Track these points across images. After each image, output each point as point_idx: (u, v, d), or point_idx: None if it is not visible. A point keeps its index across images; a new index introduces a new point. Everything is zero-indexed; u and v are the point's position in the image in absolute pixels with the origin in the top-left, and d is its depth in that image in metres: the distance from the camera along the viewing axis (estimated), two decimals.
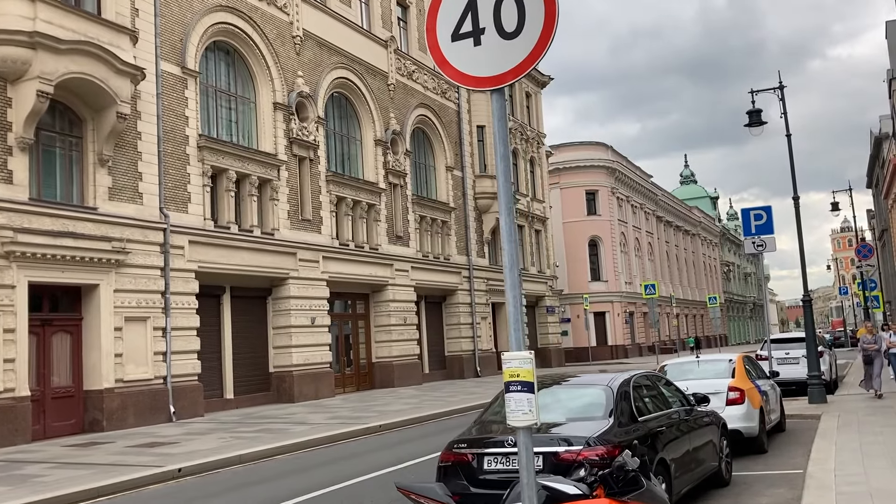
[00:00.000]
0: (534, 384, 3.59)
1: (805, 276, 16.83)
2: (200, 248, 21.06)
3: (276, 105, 24.59)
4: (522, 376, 3.56)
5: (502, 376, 3.81)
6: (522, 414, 3.62)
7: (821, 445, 10.27)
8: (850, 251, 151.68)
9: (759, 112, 17.06)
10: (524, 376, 3.56)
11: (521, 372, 3.57)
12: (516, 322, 3.88)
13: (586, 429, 6.24)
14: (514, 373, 3.59)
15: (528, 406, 3.60)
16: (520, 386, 3.57)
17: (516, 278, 3.91)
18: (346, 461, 12.56)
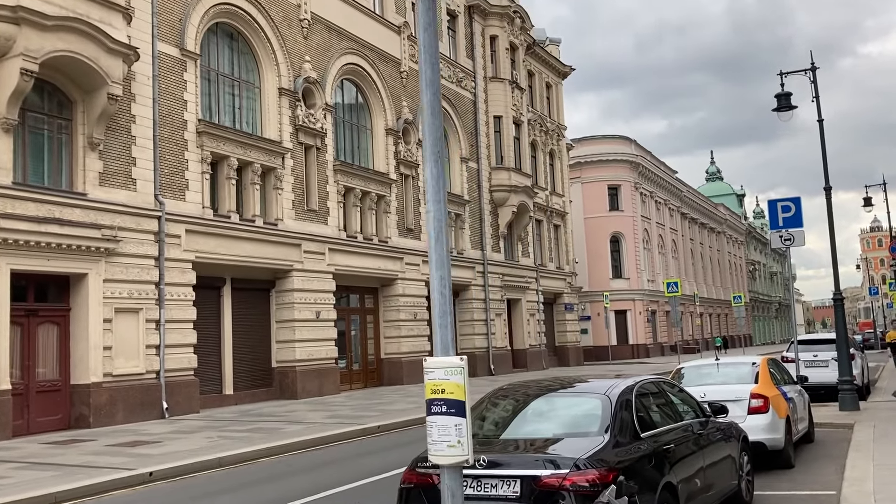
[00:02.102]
0: (464, 404, 2.60)
1: (836, 271, 15.59)
2: (198, 238, 20.20)
3: (282, 91, 23.67)
4: (449, 392, 2.58)
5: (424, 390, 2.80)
6: (448, 446, 2.63)
7: (856, 461, 9.11)
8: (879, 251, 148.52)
9: (788, 95, 15.82)
10: (451, 392, 2.58)
11: (446, 386, 2.59)
12: (442, 315, 2.92)
13: (576, 447, 5.18)
14: (437, 387, 2.61)
15: (455, 435, 2.61)
16: (444, 405, 2.59)
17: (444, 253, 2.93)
18: (328, 468, 11.60)
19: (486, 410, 6.26)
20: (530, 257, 39.60)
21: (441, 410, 2.63)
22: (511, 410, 6.22)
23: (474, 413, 6.28)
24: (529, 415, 6.05)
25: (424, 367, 2.86)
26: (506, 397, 6.43)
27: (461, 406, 2.64)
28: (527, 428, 5.84)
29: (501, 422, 6.13)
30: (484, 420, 6.15)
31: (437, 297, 3.14)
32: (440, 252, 3.04)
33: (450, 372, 2.65)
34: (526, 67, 40.94)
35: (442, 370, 2.67)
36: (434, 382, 2.66)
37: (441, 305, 3.01)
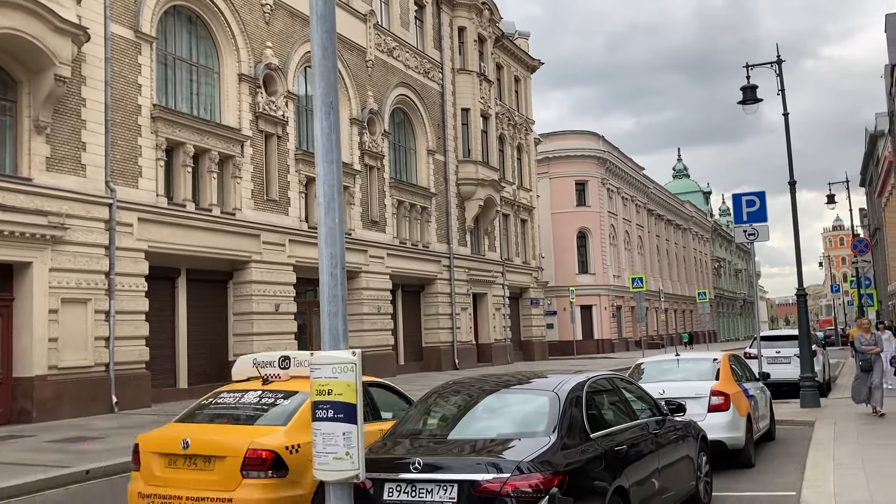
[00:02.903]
0: (355, 408, 2.21)
1: (800, 266, 15.46)
2: (152, 227, 19.55)
3: (242, 77, 23.03)
4: (336, 394, 2.19)
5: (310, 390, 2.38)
6: (334, 459, 2.24)
7: (816, 460, 8.89)
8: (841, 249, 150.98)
9: (754, 88, 15.63)
10: (339, 394, 2.19)
11: (334, 386, 2.20)
12: (333, 300, 2.55)
13: (521, 449, 4.80)
14: (323, 387, 2.21)
15: (343, 445, 2.21)
16: (331, 409, 2.20)
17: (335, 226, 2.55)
18: None
19: (430, 408, 5.88)
20: (497, 251, 39.33)
21: (327, 415, 2.23)
22: (456, 408, 5.84)
23: (417, 409, 5.90)
24: (475, 413, 5.66)
25: (309, 364, 2.46)
26: (452, 393, 6.04)
27: (351, 410, 2.23)
28: (471, 427, 5.46)
29: (443, 420, 5.74)
30: (427, 417, 5.78)
31: (326, 280, 2.76)
32: (331, 225, 2.67)
33: (339, 369, 2.25)
34: (494, 60, 40.59)
35: (329, 367, 2.28)
36: (320, 382, 2.26)
37: (331, 289, 2.63)
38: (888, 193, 55.80)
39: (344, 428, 2.25)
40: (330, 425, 2.24)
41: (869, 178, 70.76)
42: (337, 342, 2.52)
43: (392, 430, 5.70)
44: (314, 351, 2.86)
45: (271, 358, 7.32)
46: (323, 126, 2.84)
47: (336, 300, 2.66)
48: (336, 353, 2.34)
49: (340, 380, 2.26)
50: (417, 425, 5.66)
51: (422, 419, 5.75)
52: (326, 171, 2.88)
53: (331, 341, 2.65)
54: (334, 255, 2.67)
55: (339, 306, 2.73)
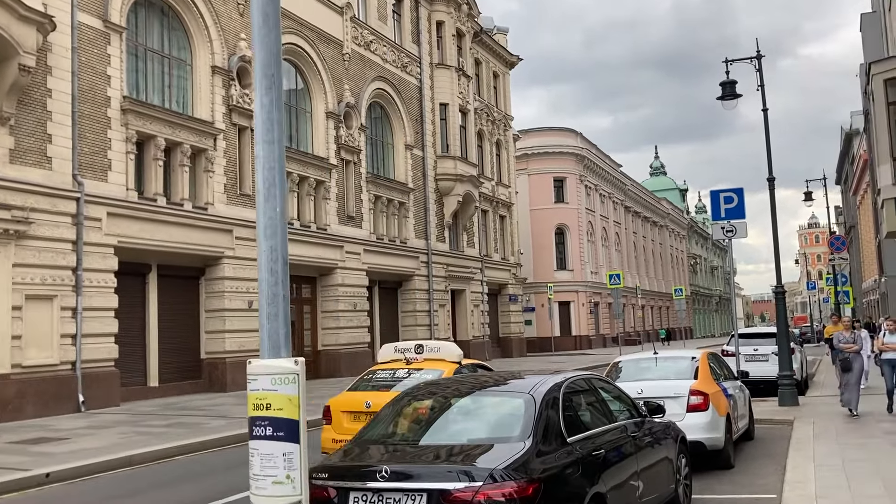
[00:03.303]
0: (297, 425, 1.94)
1: (778, 262, 15.33)
2: (121, 221, 19.09)
3: (215, 69, 22.59)
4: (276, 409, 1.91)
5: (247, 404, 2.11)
6: (273, 483, 1.95)
7: (797, 461, 8.72)
8: (817, 247, 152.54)
9: (733, 84, 15.48)
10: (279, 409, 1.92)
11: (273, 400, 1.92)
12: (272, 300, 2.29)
13: (494, 455, 4.54)
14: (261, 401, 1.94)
15: (284, 468, 1.93)
16: (269, 427, 1.92)
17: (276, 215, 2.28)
18: (240, 469, 10.77)
19: (400, 411, 5.60)
20: (475, 248, 39.11)
21: (265, 433, 1.95)
22: (427, 411, 5.56)
23: (387, 413, 5.62)
24: (447, 416, 5.39)
25: (248, 374, 2.18)
26: (424, 396, 5.76)
27: (293, 428, 1.95)
28: (443, 432, 5.19)
29: (414, 424, 5.47)
30: (397, 421, 5.50)
31: (265, 277, 2.49)
32: (271, 214, 2.39)
33: (279, 380, 1.98)
34: (473, 55, 40.33)
35: (268, 378, 2.00)
36: (257, 395, 1.98)
37: (271, 287, 2.36)
38: (863, 191, 56.29)
39: (285, 448, 1.97)
40: (269, 444, 1.96)
41: (844, 176, 71.39)
42: (277, 349, 2.25)
43: (360, 434, 5.42)
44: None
45: (408, 346, 10.43)
46: (263, 102, 2.56)
47: (276, 300, 2.38)
48: (276, 362, 2.07)
49: (280, 393, 1.99)
50: (387, 430, 5.39)
51: (392, 423, 5.47)
52: (266, 152, 2.60)
53: (270, 348, 2.37)
54: (275, 248, 2.40)
55: (281, 307, 2.46)
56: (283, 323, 2.48)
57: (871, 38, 40.05)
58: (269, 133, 2.58)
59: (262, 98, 2.58)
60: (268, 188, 2.54)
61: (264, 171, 2.57)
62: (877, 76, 22.79)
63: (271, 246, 2.42)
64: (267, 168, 2.57)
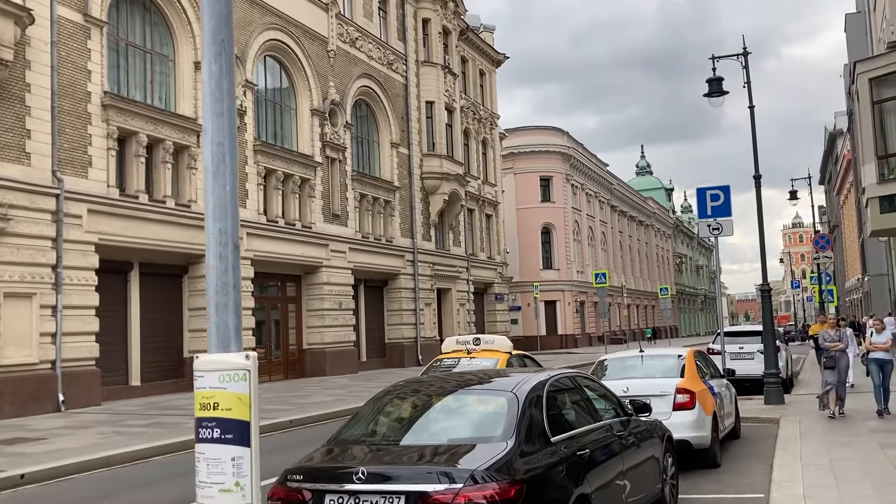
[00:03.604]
0: (248, 426, 1.79)
1: (764, 260, 15.30)
2: (102, 219, 18.83)
3: (198, 65, 22.32)
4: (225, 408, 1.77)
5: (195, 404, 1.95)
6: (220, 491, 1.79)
7: (784, 460, 8.64)
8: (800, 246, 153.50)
9: (720, 80, 15.44)
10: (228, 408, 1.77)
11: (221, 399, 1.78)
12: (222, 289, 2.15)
13: (476, 456, 4.41)
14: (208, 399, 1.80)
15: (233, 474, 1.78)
16: (217, 429, 1.77)
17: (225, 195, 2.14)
18: None
19: (380, 409, 5.45)
20: (461, 246, 38.98)
21: (212, 436, 1.78)
22: (408, 410, 5.42)
23: (367, 411, 5.48)
24: (428, 415, 5.24)
25: (194, 370, 2.04)
26: (404, 394, 5.61)
27: (243, 430, 1.79)
28: (423, 431, 5.04)
29: (394, 423, 5.32)
30: (377, 420, 5.35)
31: (213, 263, 2.33)
32: (220, 193, 2.24)
33: (228, 377, 1.82)
34: (459, 53, 40.19)
35: (215, 374, 1.84)
36: (204, 393, 1.82)
37: (220, 275, 2.20)
38: (847, 191, 56.61)
39: (234, 451, 1.81)
40: (216, 448, 1.80)
41: (828, 176, 71.81)
42: (227, 342, 2.10)
43: (337, 433, 5.27)
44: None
45: (467, 339, 12.53)
46: (212, 70, 2.40)
47: (226, 289, 2.23)
48: (225, 357, 1.91)
49: (229, 391, 1.83)
50: (366, 429, 5.24)
51: (371, 422, 5.32)
52: (215, 125, 2.44)
53: (219, 342, 2.22)
54: (224, 230, 2.25)
55: (231, 297, 2.31)
56: (234, 314, 2.32)
57: (856, 38, 40.26)
58: (219, 104, 2.41)
59: (211, 66, 2.41)
60: (216, 165, 2.38)
61: (212, 146, 2.40)
62: (862, 75, 22.84)
63: (220, 228, 2.26)
64: (216, 143, 2.40)
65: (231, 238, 2.30)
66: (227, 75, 2.37)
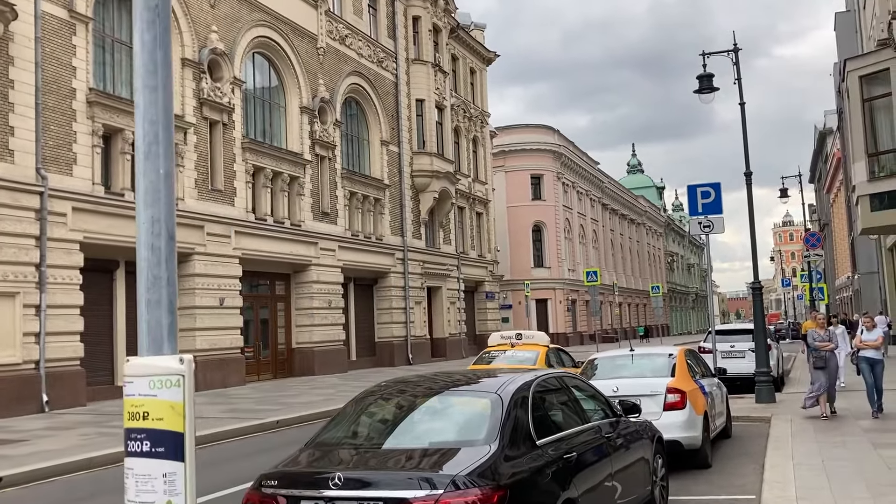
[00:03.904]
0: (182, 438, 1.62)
1: (755, 259, 15.20)
2: (88, 217, 18.60)
3: (185, 61, 22.11)
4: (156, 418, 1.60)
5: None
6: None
7: (775, 460, 8.52)
8: (791, 245, 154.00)
9: (710, 77, 15.32)
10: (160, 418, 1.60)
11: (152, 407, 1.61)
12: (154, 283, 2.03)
13: (459, 460, 4.25)
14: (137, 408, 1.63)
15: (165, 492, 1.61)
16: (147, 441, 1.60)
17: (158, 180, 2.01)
18: (206, 471, 10.41)
19: (361, 411, 5.27)
20: (452, 245, 38.83)
21: (140, 449, 1.61)
22: (389, 411, 5.24)
23: (347, 413, 5.31)
24: (409, 417, 5.08)
25: (124, 375, 1.88)
26: (386, 395, 5.43)
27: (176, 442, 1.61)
28: (404, 435, 4.87)
29: (374, 426, 5.14)
30: (357, 423, 5.18)
31: (144, 255, 2.18)
32: (153, 178, 2.08)
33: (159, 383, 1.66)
34: (449, 51, 40.03)
35: (145, 380, 1.68)
36: (133, 401, 1.65)
37: (152, 268, 2.05)
38: (836, 189, 56.71)
39: (166, 467, 1.63)
40: (145, 463, 1.62)
41: (818, 174, 71.96)
42: (159, 344, 1.93)
43: (317, 435, 5.10)
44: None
45: (510, 334, 14.87)
46: (145, 39, 2.24)
47: (159, 284, 2.07)
48: (156, 361, 1.75)
49: (161, 399, 1.66)
50: (346, 431, 5.07)
51: (352, 424, 5.15)
52: (148, 100, 2.28)
53: (150, 343, 2.06)
54: (157, 219, 2.09)
55: (164, 293, 2.15)
56: (168, 312, 2.17)
57: (846, 36, 40.30)
58: (152, 77, 2.24)
59: (144, 34, 2.24)
60: (149, 145, 2.21)
61: (145, 124, 2.24)
62: (852, 72, 22.81)
63: (152, 216, 2.10)
64: (148, 121, 2.24)
65: (165, 227, 2.14)
66: (161, 45, 2.21)
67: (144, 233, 2.19)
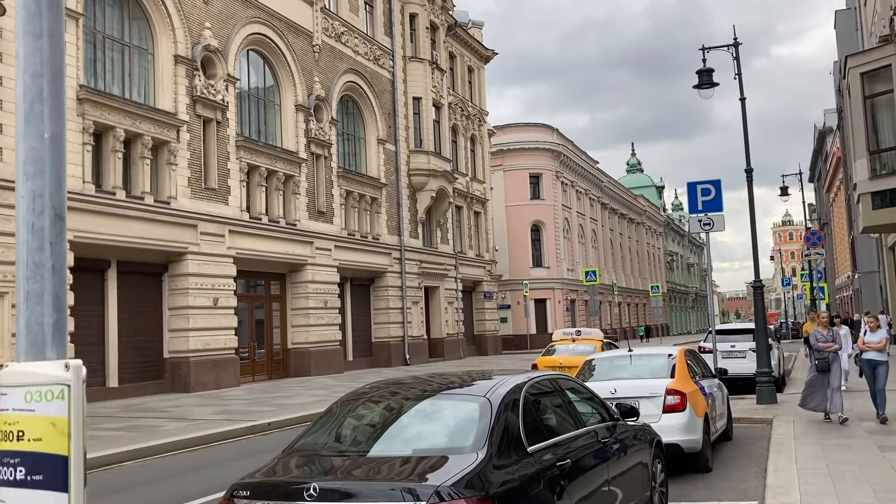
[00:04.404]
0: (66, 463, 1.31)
1: (756, 257, 14.91)
2: (77, 216, 18.26)
3: (178, 58, 21.82)
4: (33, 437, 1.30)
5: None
6: None
7: (778, 464, 8.23)
8: (790, 244, 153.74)
9: (710, 72, 15.03)
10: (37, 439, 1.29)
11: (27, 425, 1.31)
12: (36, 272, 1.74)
13: (442, 470, 3.95)
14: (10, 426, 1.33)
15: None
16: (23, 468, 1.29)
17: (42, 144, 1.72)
18: (188, 476, 10.12)
19: (341, 416, 4.97)
20: (449, 244, 38.55)
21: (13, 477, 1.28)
22: (372, 416, 4.94)
23: (327, 418, 5.01)
24: (393, 423, 4.77)
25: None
26: (368, 399, 5.11)
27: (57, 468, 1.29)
28: (388, 441, 4.57)
29: (356, 432, 4.84)
30: (337, 428, 4.88)
31: (23, 238, 1.91)
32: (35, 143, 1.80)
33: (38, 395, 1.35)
34: (447, 49, 39.74)
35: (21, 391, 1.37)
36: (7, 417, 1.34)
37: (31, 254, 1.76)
38: (836, 188, 56.46)
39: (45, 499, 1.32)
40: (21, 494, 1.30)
41: (818, 173, 71.70)
42: (41, 346, 1.64)
43: (295, 441, 4.81)
44: None
45: (570, 331, 18.93)
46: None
47: (41, 273, 1.78)
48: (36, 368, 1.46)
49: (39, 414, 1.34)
50: (326, 437, 4.77)
51: (332, 430, 4.84)
52: (30, 49, 1.99)
53: (28, 346, 1.77)
54: (40, 193, 1.80)
55: (48, 284, 1.87)
56: (53, 308, 1.88)
57: (846, 34, 40.02)
58: (35, 21, 1.95)
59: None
60: (30, 104, 1.92)
61: (26, 79, 1.95)
62: (854, 69, 22.52)
63: (34, 190, 1.81)
64: (30, 73, 1.94)
65: (50, 203, 1.86)
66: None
67: (24, 210, 1.89)
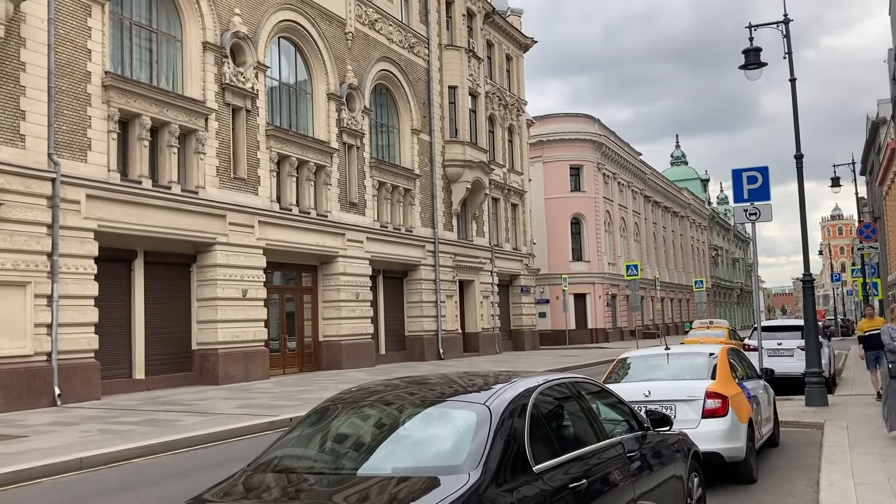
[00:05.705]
0: None
1: (806, 250, 13.94)
2: (102, 204, 18.02)
3: (207, 45, 21.44)
4: None
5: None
6: None
7: (832, 477, 7.40)
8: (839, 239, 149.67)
9: (757, 51, 14.06)
10: None
11: None
12: None
13: (429, 496, 3.28)
14: None
15: None
16: None
17: None
18: (194, 476, 9.60)
19: (318, 426, 4.28)
20: (485, 237, 37.80)
21: None
22: (355, 426, 4.26)
23: (301, 428, 4.34)
24: (375, 435, 4.08)
25: None
26: (353, 406, 4.40)
27: None
28: (369, 457, 3.88)
29: (332, 445, 4.16)
30: (312, 441, 4.19)
31: None
32: None
33: None
34: (484, 37, 38.93)
35: None
36: None
37: None
38: (890, 181, 54.31)
39: None
40: None
41: (870, 166, 69.27)
42: None
43: (263, 453, 4.17)
44: None
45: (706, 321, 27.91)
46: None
47: None
48: None
49: None
50: (298, 450, 4.12)
51: (307, 441, 4.19)
52: None
53: None
54: None
55: None
56: None
57: None
58: None
59: None
60: None
61: None
62: None
63: None
64: None
65: None
66: None
67: None
